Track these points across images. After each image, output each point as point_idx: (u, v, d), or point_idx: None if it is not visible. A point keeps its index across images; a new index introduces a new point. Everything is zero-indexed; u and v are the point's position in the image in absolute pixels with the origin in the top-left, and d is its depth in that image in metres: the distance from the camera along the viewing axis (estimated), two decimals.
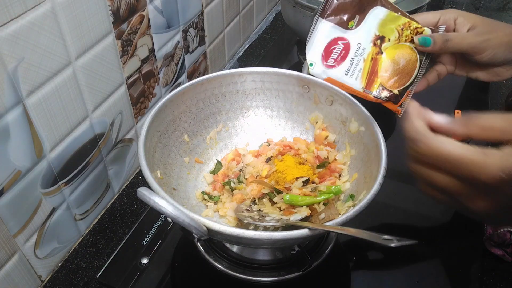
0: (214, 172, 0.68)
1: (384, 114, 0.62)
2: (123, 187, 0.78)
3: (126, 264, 0.64)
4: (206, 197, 0.64)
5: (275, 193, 0.60)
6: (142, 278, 0.62)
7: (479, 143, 0.39)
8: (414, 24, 0.59)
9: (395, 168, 0.54)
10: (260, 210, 0.59)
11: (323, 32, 0.60)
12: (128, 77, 0.70)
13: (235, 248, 0.63)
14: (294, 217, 0.56)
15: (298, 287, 0.62)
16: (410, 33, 0.59)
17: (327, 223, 0.51)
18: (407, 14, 0.59)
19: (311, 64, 0.61)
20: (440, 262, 0.64)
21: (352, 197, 0.58)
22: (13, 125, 0.51)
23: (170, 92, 0.63)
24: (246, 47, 1.14)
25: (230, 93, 0.70)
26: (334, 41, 0.60)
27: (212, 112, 0.69)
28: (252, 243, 0.51)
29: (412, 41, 0.59)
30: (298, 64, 1.05)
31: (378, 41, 0.60)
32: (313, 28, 0.61)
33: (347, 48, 0.60)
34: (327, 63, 0.61)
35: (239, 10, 1.06)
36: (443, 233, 0.68)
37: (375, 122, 0.59)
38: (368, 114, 0.60)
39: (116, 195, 0.76)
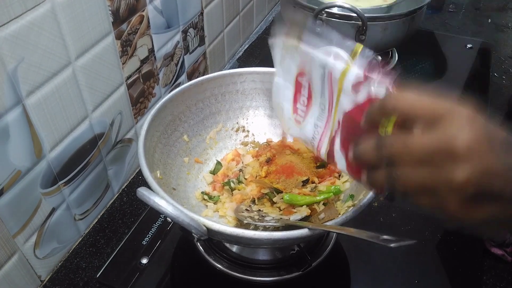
0: (213, 172, 0.68)
1: None
2: (123, 187, 0.78)
3: (126, 264, 0.64)
4: (205, 197, 0.64)
5: (274, 193, 0.60)
6: (142, 278, 0.62)
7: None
8: None
9: None
10: (260, 210, 0.59)
11: None
12: (128, 77, 0.70)
13: (235, 248, 0.62)
14: (294, 217, 0.56)
15: (298, 287, 0.62)
16: None
17: (327, 223, 0.51)
18: None
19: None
20: (440, 262, 0.64)
21: (352, 197, 0.58)
22: (13, 125, 0.51)
23: (169, 92, 0.63)
24: (246, 47, 1.14)
25: (230, 93, 0.70)
26: None
27: (211, 112, 0.69)
28: (252, 243, 0.51)
29: None
30: None
31: None
32: None
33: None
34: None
35: (239, 10, 1.06)
36: (443, 233, 0.68)
37: None
38: None
39: (116, 195, 0.76)
